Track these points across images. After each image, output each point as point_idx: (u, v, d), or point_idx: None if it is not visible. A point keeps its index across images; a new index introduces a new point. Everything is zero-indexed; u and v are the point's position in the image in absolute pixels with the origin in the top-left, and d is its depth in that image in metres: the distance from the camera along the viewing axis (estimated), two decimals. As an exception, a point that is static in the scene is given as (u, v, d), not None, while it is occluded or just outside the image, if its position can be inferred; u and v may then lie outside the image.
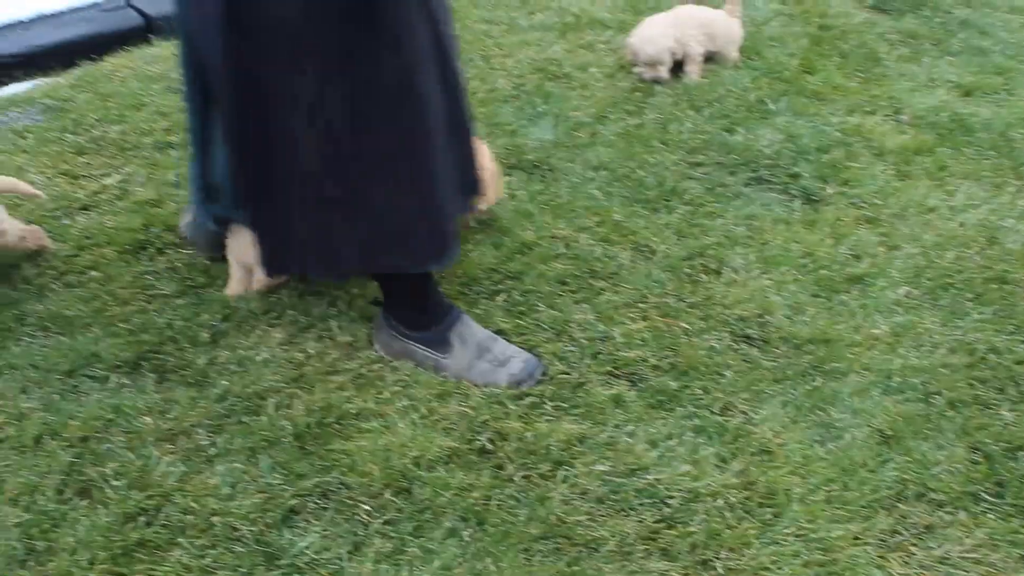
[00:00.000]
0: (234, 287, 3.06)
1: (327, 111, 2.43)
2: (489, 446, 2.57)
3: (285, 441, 2.56)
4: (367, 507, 2.41)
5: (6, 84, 4.39)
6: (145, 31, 4.86)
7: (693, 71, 4.35)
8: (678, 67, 4.39)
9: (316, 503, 2.43)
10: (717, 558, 2.30)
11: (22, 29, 4.80)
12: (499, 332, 2.89)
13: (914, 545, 2.36)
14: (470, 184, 2.86)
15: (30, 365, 2.78)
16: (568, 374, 2.79)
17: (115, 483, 2.45)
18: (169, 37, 4.76)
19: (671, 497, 2.43)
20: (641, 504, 2.42)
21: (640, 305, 3.05)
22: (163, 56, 4.50)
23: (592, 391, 2.73)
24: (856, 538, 2.36)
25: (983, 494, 2.48)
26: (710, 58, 4.46)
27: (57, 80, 4.33)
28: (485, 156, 3.31)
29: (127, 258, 3.19)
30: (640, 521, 2.38)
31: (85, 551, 2.28)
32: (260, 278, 3.02)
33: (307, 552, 2.30)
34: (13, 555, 2.29)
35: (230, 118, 2.53)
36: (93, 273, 3.13)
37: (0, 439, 2.57)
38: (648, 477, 2.48)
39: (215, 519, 2.36)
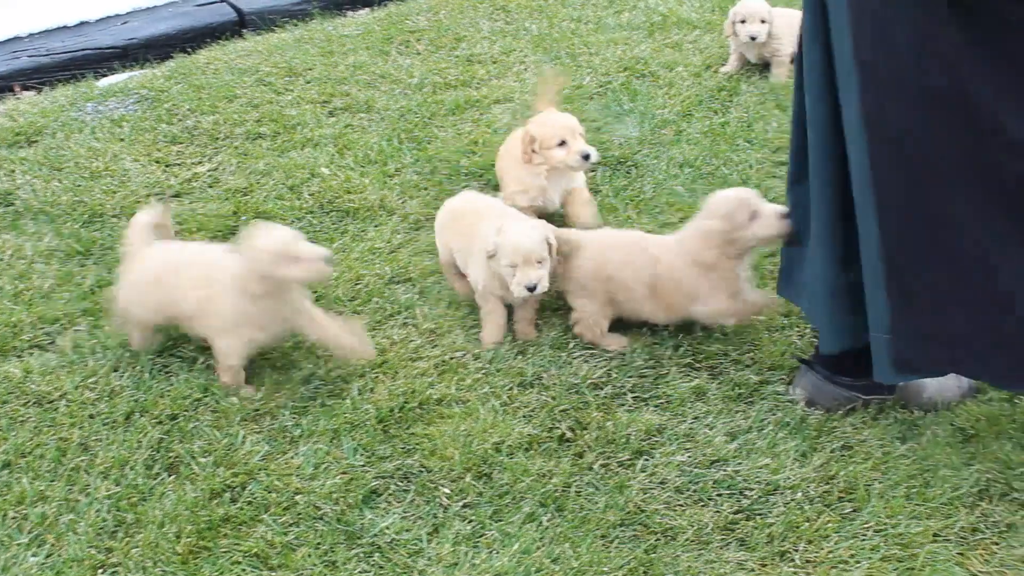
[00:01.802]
0: None
1: None
2: (569, 434, 2.59)
3: (368, 424, 2.61)
4: (447, 490, 2.44)
5: (104, 75, 4.50)
6: (238, 25, 4.96)
7: (781, 73, 4.32)
8: (765, 68, 4.39)
9: (397, 485, 2.47)
10: (795, 549, 2.30)
11: (119, 22, 4.92)
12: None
13: (995, 544, 2.33)
14: None
15: (121, 345, 2.85)
16: (651, 368, 2.80)
17: (202, 460, 2.51)
18: (261, 31, 4.85)
19: (750, 489, 2.44)
20: (719, 495, 2.43)
21: (722, 300, 3.04)
22: (255, 50, 4.58)
23: (672, 383, 2.74)
24: (936, 535, 2.34)
25: (1068, 495, 2.46)
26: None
27: (152, 71, 4.43)
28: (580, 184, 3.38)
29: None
30: (718, 511, 2.39)
31: (172, 525, 2.34)
32: None
33: (387, 532, 2.34)
34: (103, 527, 2.36)
35: None
36: (184, 258, 3.18)
37: (92, 415, 2.65)
38: (727, 468, 2.49)
39: (298, 498, 2.41)
